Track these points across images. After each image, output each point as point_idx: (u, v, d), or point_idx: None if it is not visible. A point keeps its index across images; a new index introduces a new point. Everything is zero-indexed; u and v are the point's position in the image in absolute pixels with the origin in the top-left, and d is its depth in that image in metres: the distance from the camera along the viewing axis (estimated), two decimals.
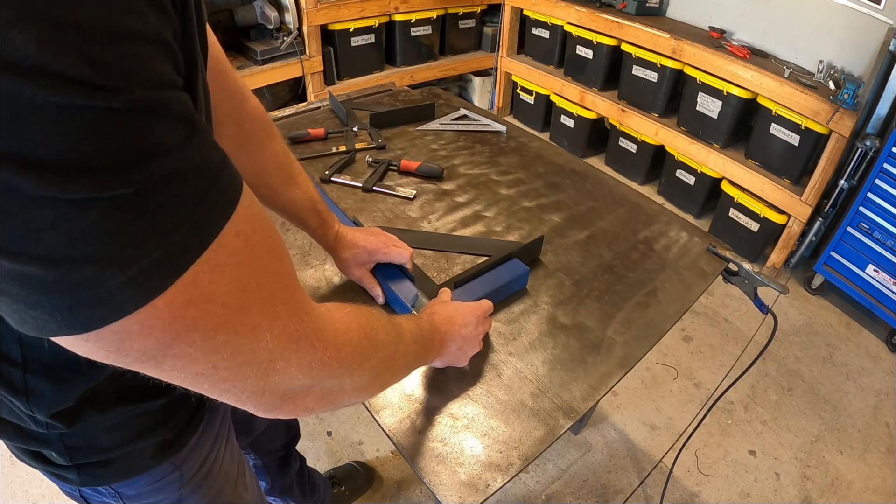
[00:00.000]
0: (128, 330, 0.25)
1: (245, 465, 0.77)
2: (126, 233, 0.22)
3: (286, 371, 0.34)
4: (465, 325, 0.68)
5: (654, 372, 1.85)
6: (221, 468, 0.66)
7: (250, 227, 0.28)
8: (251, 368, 0.31)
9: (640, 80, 2.60)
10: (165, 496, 0.59)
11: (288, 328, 0.33)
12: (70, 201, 0.21)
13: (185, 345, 0.27)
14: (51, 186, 0.20)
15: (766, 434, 1.68)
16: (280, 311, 0.32)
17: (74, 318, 0.24)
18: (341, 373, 0.40)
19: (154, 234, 0.23)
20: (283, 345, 0.32)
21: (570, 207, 1.11)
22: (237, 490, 0.71)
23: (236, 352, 0.30)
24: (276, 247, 0.31)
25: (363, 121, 1.35)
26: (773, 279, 0.91)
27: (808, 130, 2.05)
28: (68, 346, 0.26)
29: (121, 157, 0.21)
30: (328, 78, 2.73)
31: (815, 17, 2.19)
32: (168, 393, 0.53)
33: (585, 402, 0.72)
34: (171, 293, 0.25)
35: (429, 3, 2.87)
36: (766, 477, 1.56)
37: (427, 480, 0.62)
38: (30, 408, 0.44)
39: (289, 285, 0.33)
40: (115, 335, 0.25)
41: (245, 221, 0.28)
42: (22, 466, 1.44)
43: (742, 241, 2.38)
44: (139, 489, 0.56)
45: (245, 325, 0.29)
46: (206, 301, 0.27)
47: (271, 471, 1.10)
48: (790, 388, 1.84)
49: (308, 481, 1.23)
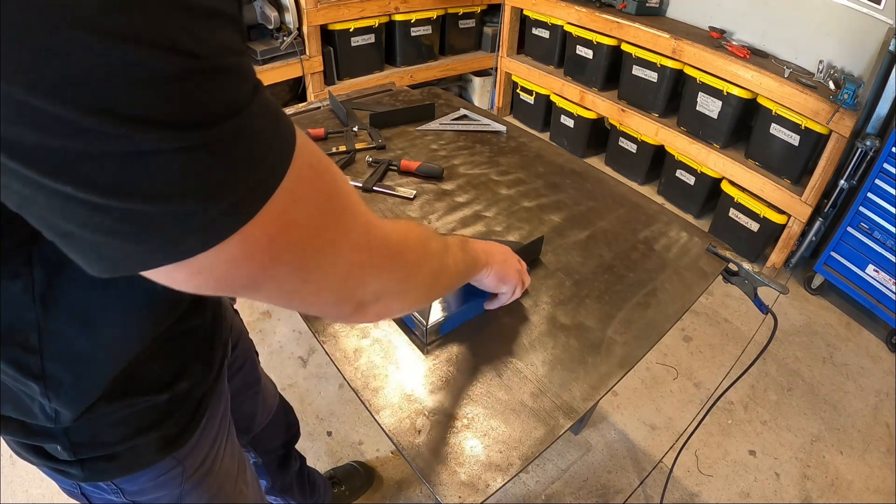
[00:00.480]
0: (230, 255, 0.29)
1: (245, 462, 0.77)
2: (223, 170, 0.27)
3: (361, 278, 0.39)
4: (500, 249, 0.72)
5: (654, 372, 1.85)
6: (222, 465, 0.66)
7: (315, 158, 0.34)
8: (334, 280, 0.36)
9: (640, 80, 2.60)
10: (167, 492, 0.59)
11: (360, 240, 0.37)
12: (182, 149, 0.25)
13: (280, 265, 0.32)
14: (167, 139, 0.24)
15: (766, 434, 1.68)
16: (351, 225, 0.36)
17: (182, 245, 0.28)
18: (405, 277, 0.44)
19: (244, 169, 0.28)
20: (358, 254, 0.37)
21: (570, 207, 1.11)
22: (237, 487, 0.72)
23: (321, 266, 0.35)
24: (334, 171, 0.36)
25: (363, 121, 1.35)
26: (773, 279, 0.91)
27: (808, 130, 2.05)
28: (180, 281, 0.30)
29: (218, 109, 0.26)
30: (328, 78, 2.73)
31: (815, 17, 2.19)
32: (172, 388, 0.53)
33: (585, 402, 0.72)
34: (263, 218, 0.29)
35: (429, 3, 2.87)
36: (766, 477, 1.56)
37: (427, 480, 0.62)
38: (46, 393, 0.44)
39: (352, 202, 0.37)
40: (221, 262, 0.29)
41: (309, 154, 0.33)
42: (22, 466, 1.44)
43: (742, 241, 2.38)
44: (142, 484, 0.56)
45: (326, 241, 0.34)
46: (292, 224, 0.32)
47: (271, 470, 1.10)
48: (790, 388, 1.84)
49: (308, 481, 1.23)
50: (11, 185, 0.25)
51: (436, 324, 0.75)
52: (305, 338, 1.87)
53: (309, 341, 1.86)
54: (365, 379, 0.72)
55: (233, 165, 0.27)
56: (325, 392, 1.70)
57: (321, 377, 1.75)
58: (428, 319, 0.74)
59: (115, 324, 0.44)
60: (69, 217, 0.26)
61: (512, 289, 0.75)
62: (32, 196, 0.25)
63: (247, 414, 0.93)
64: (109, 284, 0.42)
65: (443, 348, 0.77)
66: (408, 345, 0.77)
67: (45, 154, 0.23)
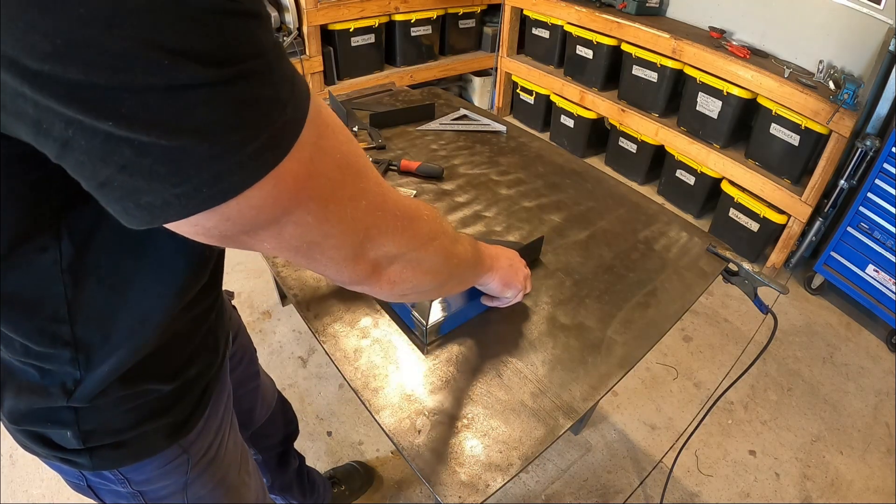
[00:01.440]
0: (261, 198, 0.30)
1: (247, 454, 0.78)
2: (256, 105, 0.28)
3: (378, 238, 0.41)
4: (508, 254, 0.73)
5: (654, 372, 1.85)
6: (226, 454, 0.67)
7: (332, 118, 0.35)
8: (352, 235, 0.38)
9: (640, 80, 2.60)
10: (173, 480, 0.60)
11: (376, 199, 0.39)
12: (220, 82, 0.26)
13: (304, 212, 0.34)
14: (207, 73, 0.25)
15: (766, 434, 1.68)
16: (368, 185, 0.38)
17: (220, 185, 0.28)
18: (417, 244, 0.46)
19: (275, 107, 0.29)
20: (374, 213, 0.39)
21: (570, 207, 1.11)
22: (241, 476, 0.72)
23: (341, 219, 0.37)
24: (348, 135, 0.38)
25: (363, 121, 1.35)
26: (773, 279, 0.91)
27: (808, 130, 2.05)
28: (209, 229, 0.31)
29: (250, 50, 0.27)
30: (328, 78, 2.73)
31: (815, 17, 2.19)
32: (181, 375, 0.55)
33: (585, 402, 0.72)
34: (293, 161, 0.31)
35: (429, 3, 2.87)
36: (766, 477, 1.56)
37: (427, 480, 0.62)
38: (76, 357, 0.45)
39: (367, 165, 0.39)
40: (251, 207, 0.31)
41: (327, 114, 0.35)
42: (22, 466, 1.44)
43: (742, 241, 2.38)
44: (148, 473, 0.57)
45: (346, 195, 0.36)
46: (317, 175, 0.33)
47: (271, 467, 1.11)
48: (790, 388, 1.84)
49: (308, 480, 1.24)
50: (53, 129, 0.25)
51: (436, 324, 0.76)
52: (305, 338, 1.87)
53: (309, 341, 1.86)
54: (365, 379, 0.72)
55: (265, 102, 0.29)
56: (325, 392, 1.70)
57: (321, 377, 1.75)
58: (428, 319, 0.74)
59: (143, 290, 0.45)
60: (109, 159, 0.26)
61: (516, 293, 0.76)
62: (73, 139, 0.25)
63: (246, 408, 0.94)
64: (138, 250, 0.43)
65: (443, 348, 0.77)
66: (408, 345, 0.77)
67: (89, 89, 0.24)
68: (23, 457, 1.47)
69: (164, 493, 0.60)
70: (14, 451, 1.49)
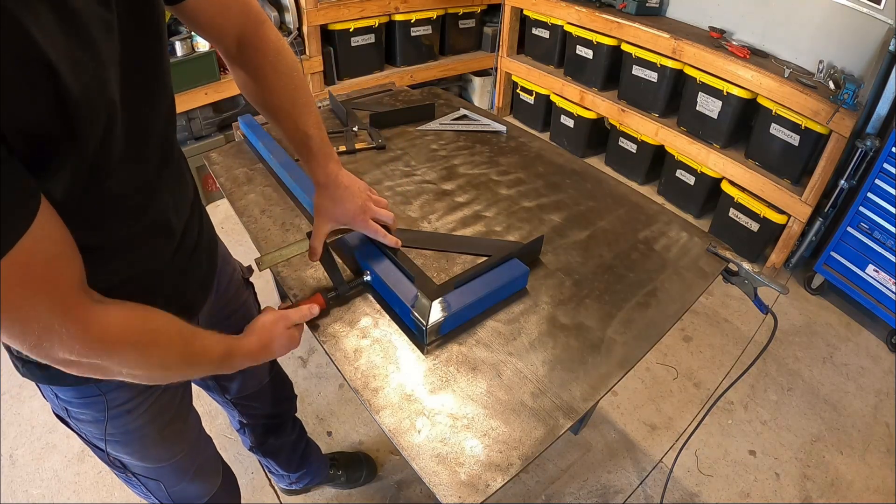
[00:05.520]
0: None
1: (190, 420, 0.85)
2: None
3: (51, 349, 0.47)
4: (272, 338, 0.74)
5: (654, 372, 1.85)
6: (148, 411, 0.73)
7: (34, 257, 0.41)
8: (25, 339, 0.45)
9: (640, 80, 2.60)
10: (91, 412, 0.69)
11: (52, 324, 0.45)
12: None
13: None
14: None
15: (766, 434, 1.68)
16: (49, 314, 0.45)
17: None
18: (107, 359, 0.52)
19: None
20: (48, 334, 0.45)
21: (570, 207, 1.11)
22: (163, 434, 0.78)
23: (14, 326, 0.43)
24: (53, 272, 0.44)
25: (363, 121, 1.35)
26: (773, 279, 0.91)
27: (808, 130, 2.05)
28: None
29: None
30: (328, 78, 2.73)
31: (815, 17, 2.19)
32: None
33: (585, 402, 0.72)
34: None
35: (429, 3, 2.88)
36: (766, 477, 1.56)
37: (427, 480, 0.62)
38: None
39: (61, 295, 0.45)
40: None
41: (31, 248, 0.40)
42: (22, 466, 1.44)
43: (742, 241, 2.38)
44: (70, 398, 0.68)
45: (21, 312, 0.43)
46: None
47: (256, 433, 1.15)
48: (790, 388, 1.84)
49: (302, 455, 1.26)
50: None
51: (436, 324, 0.75)
52: (305, 338, 1.85)
53: (309, 341, 1.86)
54: (365, 379, 0.72)
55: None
56: (325, 392, 1.70)
57: (321, 377, 1.75)
58: (428, 319, 0.74)
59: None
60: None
61: (275, 357, 0.78)
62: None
63: (221, 377, 0.97)
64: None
65: (443, 348, 0.77)
66: (408, 345, 0.77)
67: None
68: (23, 457, 1.47)
69: (84, 419, 0.71)
70: (14, 451, 1.49)
